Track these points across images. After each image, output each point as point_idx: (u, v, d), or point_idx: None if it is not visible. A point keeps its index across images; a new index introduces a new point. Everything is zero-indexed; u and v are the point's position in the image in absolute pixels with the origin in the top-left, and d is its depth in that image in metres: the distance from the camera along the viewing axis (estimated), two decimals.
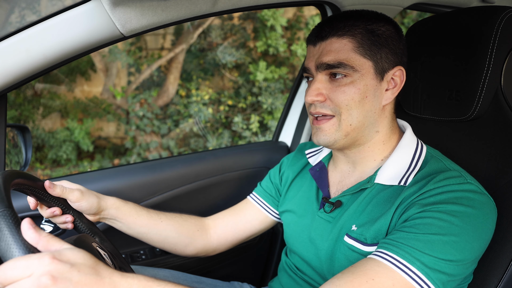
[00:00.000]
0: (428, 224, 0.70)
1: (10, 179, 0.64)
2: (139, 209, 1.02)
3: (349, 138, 0.85)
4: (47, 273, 0.49)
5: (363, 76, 0.82)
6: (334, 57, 0.81)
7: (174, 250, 1.06)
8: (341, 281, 0.68)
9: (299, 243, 0.96)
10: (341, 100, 0.82)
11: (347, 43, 0.81)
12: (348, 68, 0.81)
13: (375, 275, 0.67)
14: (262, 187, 1.14)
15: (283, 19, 4.45)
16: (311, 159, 1.04)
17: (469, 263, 0.71)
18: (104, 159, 4.71)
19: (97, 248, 0.76)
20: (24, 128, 1.10)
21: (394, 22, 0.86)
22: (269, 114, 4.55)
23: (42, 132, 4.42)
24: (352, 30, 0.82)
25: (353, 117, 0.83)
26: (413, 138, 0.88)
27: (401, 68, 0.85)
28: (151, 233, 1.02)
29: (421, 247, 0.68)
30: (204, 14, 0.94)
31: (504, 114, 0.88)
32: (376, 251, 0.72)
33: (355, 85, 0.81)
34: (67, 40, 0.83)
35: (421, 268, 0.66)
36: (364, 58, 0.81)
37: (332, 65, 0.81)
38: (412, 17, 4.52)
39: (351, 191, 0.87)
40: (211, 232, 1.10)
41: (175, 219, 1.05)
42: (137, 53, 4.64)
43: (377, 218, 0.80)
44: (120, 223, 0.99)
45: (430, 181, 0.76)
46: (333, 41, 0.82)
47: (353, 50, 0.81)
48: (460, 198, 0.72)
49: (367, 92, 0.82)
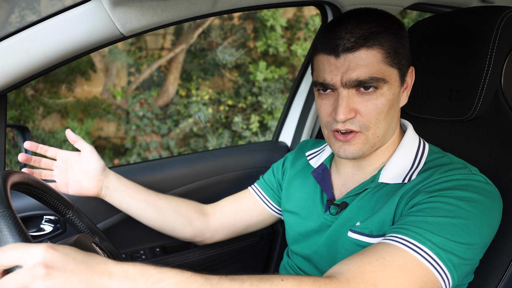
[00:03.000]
0: (436, 208, 0.69)
1: (10, 179, 0.63)
2: (138, 185, 1.04)
3: (374, 147, 0.84)
4: (41, 263, 0.48)
5: (392, 86, 0.79)
6: (366, 72, 0.75)
7: (172, 229, 1.06)
8: (350, 260, 0.67)
9: (303, 245, 0.96)
10: (372, 114, 0.78)
11: (376, 54, 0.76)
12: (380, 81, 0.77)
13: (386, 254, 0.65)
14: (264, 180, 1.14)
15: (283, 19, 4.44)
16: (312, 161, 1.03)
17: (479, 248, 0.70)
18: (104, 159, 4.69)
19: (96, 247, 0.76)
20: (24, 128, 1.10)
21: (400, 20, 0.84)
22: (269, 114, 4.55)
23: (42, 132, 4.42)
24: (379, 39, 0.76)
25: (380, 129, 0.80)
26: (415, 136, 0.88)
27: (412, 68, 0.85)
28: (149, 209, 1.02)
29: (431, 228, 0.67)
30: (204, 14, 0.94)
31: (504, 114, 0.88)
32: (386, 237, 0.71)
33: (385, 97, 0.78)
34: (67, 40, 0.83)
35: (432, 248, 0.65)
36: (391, 67, 0.78)
37: (364, 81, 0.76)
38: (412, 17, 4.52)
39: (355, 191, 0.87)
40: (209, 217, 1.11)
41: (174, 199, 1.07)
42: (137, 53, 4.63)
43: (379, 209, 0.80)
44: (120, 195, 1.00)
45: (435, 172, 0.77)
46: (362, 53, 0.75)
47: (382, 61, 0.76)
48: (466, 185, 0.72)
49: (394, 101, 0.80)
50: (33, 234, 1.11)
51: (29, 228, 1.12)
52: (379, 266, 0.63)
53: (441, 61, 0.95)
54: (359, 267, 0.64)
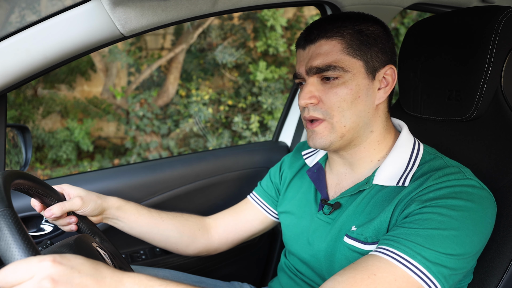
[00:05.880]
0: (428, 219, 0.70)
1: (10, 179, 0.64)
2: (140, 208, 1.01)
3: (344, 139, 0.85)
4: (48, 276, 0.49)
5: (355, 76, 0.81)
6: (323, 60, 0.81)
7: (176, 249, 1.06)
8: (343, 277, 0.68)
9: (298, 245, 0.96)
10: (333, 101, 0.82)
11: (336, 44, 0.81)
12: (339, 70, 0.81)
13: (377, 270, 0.67)
14: (262, 187, 1.14)
15: (283, 19, 4.45)
16: (308, 160, 1.04)
17: (470, 257, 0.71)
18: (104, 159, 4.71)
19: (97, 248, 0.76)
20: (24, 128, 1.10)
21: (382, 22, 0.86)
22: (269, 114, 4.55)
23: (42, 132, 4.42)
24: (340, 31, 0.81)
25: (346, 118, 0.82)
26: (409, 137, 0.88)
27: (392, 66, 0.85)
28: (152, 232, 1.02)
29: (421, 241, 0.68)
30: (204, 14, 0.94)
31: (504, 114, 0.88)
32: (377, 247, 0.72)
33: (347, 86, 0.81)
34: (67, 40, 0.83)
35: (422, 262, 0.66)
36: (354, 58, 0.81)
37: (322, 68, 0.81)
38: (412, 17, 4.52)
39: (349, 192, 0.87)
40: (212, 231, 1.10)
41: (177, 218, 1.05)
42: (137, 53, 4.64)
43: (375, 216, 0.80)
44: (121, 222, 0.99)
45: (429, 177, 0.77)
46: (322, 43, 0.82)
47: (342, 51, 0.81)
48: (459, 192, 0.73)
49: (360, 92, 0.82)
50: (33, 234, 1.11)
51: (29, 228, 1.12)
52: (370, 284, 0.66)
53: (441, 61, 0.95)
54: (352, 286, 0.66)
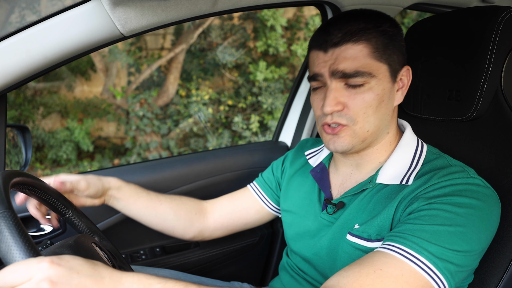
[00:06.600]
0: (433, 216, 0.69)
1: (10, 179, 0.64)
2: (139, 190, 1.05)
3: (365, 142, 0.84)
4: (46, 278, 0.49)
5: (380, 80, 0.80)
6: (351, 65, 0.78)
7: (172, 233, 1.09)
8: (348, 272, 0.67)
9: (301, 244, 0.96)
10: (360, 107, 0.79)
11: (363, 49, 0.78)
12: (366, 75, 0.78)
13: (383, 265, 0.66)
14: (263, 178, 1.15)
15: (283, 19, 4.45)
16: (311, 160, 1.04)
17: (476, 254, 0.71)
18: (104, 159, 4.71)
19: (96, 247, 0.76)
20: (24, 128, 1.10)
21: (395, 20, 0.86)
22: (269, 114, 4.55)
23: (42, 132, 4.42)
24: (366, 34, 0.78)
25: (370, 123, 0.81)
26: (413, 137, 0.88)
27: (408, 67, 0.85)
28: (150, 215, 1.05)
29: (428, 237, 0.67)
30: (204, 14, 0.94)
31: (504, 114, 0.88)
32: (383, 244, 0.71)
33: (374, 91, 0.79)
34: (67, 40, 0.83)
35: (429, 258, 0.66)
36: (380, 63, 0.79)
37: (350, 74, 0.78)
38: (412, 17, 4.52)
39: (352, 191, 0.87)
40: (208, 216, 1.12)
41: (175, 201, 1.08)
42: (137, 53, 4.64)
43: (378, 214, 0.79)
44: (120, 203, 1.03)
45: (433, 176, 0.76)
46: (348, 47, 0.78)
47: (369, 56, 0.78)
48: (464, 190, 0.72)
49: (384, 96, 0.81)
50: (33, 234, 1.11)
51: (29, 228, 1.12)
52: (376, 279, 0.64)
53: (441, 61, 0.95)
54: (357, 280, 0.65)
